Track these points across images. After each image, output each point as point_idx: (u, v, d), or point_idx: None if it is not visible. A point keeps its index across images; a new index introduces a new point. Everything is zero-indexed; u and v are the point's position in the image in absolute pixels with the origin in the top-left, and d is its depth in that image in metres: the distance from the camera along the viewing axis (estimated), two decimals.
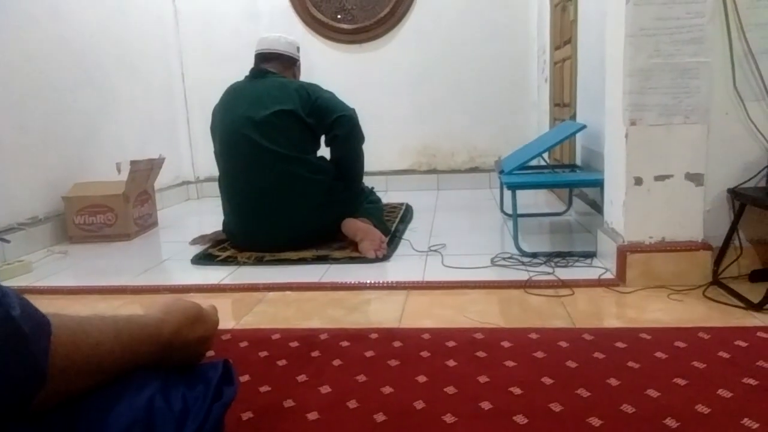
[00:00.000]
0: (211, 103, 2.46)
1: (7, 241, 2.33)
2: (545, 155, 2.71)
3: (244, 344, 1.39)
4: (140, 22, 3.46)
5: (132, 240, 2.70)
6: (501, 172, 2.36)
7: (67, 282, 2.07)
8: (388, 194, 3.22)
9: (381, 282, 1.84)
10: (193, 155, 4.02)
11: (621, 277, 1.71)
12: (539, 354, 1.24)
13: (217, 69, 3.78)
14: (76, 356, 0.60)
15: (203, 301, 0.96)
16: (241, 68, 2.53)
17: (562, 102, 3.03)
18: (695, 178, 1.65)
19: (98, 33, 3.05)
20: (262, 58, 2.41)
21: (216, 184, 2.47)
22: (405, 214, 2.94)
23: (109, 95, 3.14)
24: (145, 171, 2.82)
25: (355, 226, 2.26)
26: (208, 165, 3.83)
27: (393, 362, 1.23)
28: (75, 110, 2.86)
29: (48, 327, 0.55)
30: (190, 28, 3.88)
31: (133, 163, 2.70)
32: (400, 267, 2.06)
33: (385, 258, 2.14)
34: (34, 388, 0.52)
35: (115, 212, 2.66)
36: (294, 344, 1.36)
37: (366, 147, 2.42)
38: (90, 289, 1.94)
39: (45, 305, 0.60)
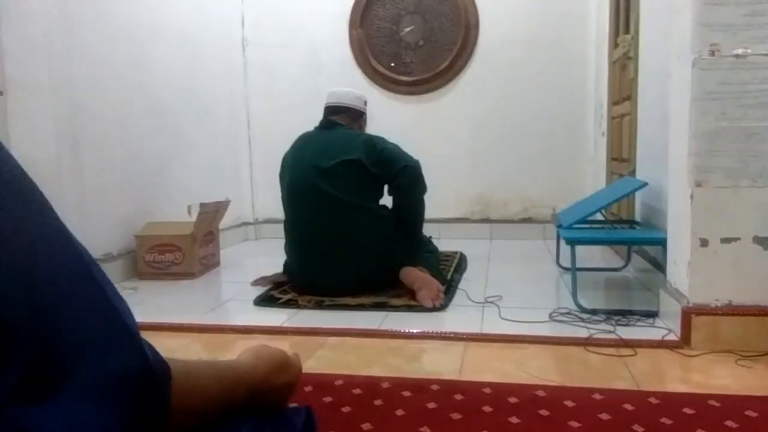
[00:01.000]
0: (273, 148, 2.58)
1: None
2: (602, 210, 2.71)
3: (308, 389, 1.43)
4: (210, 70, 3.69)
5: (197, 279, 2.82)
6: (560, 226, 2.37)
7: (138, 318, 2.17)
8: (442, 242, 3.26)
9: (439, 332, 1.86)
10: (253, 198, 4.18)
11: (686, 340, 1.68)
12: (604, 416, 1.23)
13: (280, 116, 3.97)
14: (187, 399, 0.65)
15: (266, 343, 1.01)
16: (301, 118, 2.66)
17: (620, 157, 3.03)
18: (763, 242, 1.62)
19: (172, 82, 3.26)
20: (331, 110, 2.53)
21: (274, 227, 2.58)
22: (460, 263, 2.97)
23: (180, 140, 3.34)
24: (212, 213, 2.96)
25: (413, 275, 2.31)
26: (267, 207, 3.98)
27: (455, 415, 1.25)
28: (149, 155, 3.05)
29: (169, 372, 0.61)
30: (257, 76, 4.10)
31: (202, 205, 2.84)
32: (457, 318, 2.08)
33: (443, 308, 2.16)
34: (162, 429, 0.58)
35: (182, 251, 2.80)
36: (357, 391, 1.40)
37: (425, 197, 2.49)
38: (160, 326, 2.03)
39: None
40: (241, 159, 4.11)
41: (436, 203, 3.72)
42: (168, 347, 0.61)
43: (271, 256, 2.98)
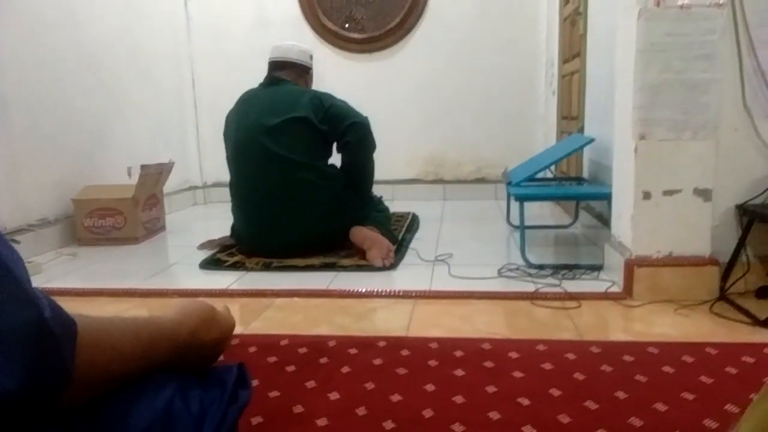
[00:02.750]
0: (221, 109, 2.48)
1: (17, 242, 2.35)
2: (552, 167, 2.72)
3: (253, 349, 1.40)
4: (153, 28, 3.50)
5: (140, 244, 2.72)
6: (509, 183, 2.38)
7: (76, 284, 2.08)
8: (395, 203, 3.24)
9: (388, 291, 1.85)
10: (201, 160, 4.05)
11: (628, 291, 1.72)
12: (547, 365, 1.24)
13: (227, 76, 3.82)
14: (99, 358, 0.61)
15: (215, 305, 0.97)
16: (250, 76, 2.55)
17: (570, 115, 3.05)
18: (703, 194, 1.66)
19: (111, 38, 3.08)
20: (276, 66, 2.43)
21: (224, 190, 2.49)
22: (412, 223, 2.96)
23: (121, 99, 3.17)
24: (154, 175, 2.84)
25: (363, 234, 2.28)
26: (216, 170, 3.86)
27: (401, 371, 1.24)
28: (86, 114, 2.89)
29: (74, 328, 0.56)
30: (202, 34, 3.92)
31: (143, 167, 2.72)
32: (407, 276, 2.07)
33: (393, 267, 2.15)
34: (61, 389, 0.53)
35: (124, 215, 2.68)
36: (302, 350, 1.37)
37: (374, 156, 2.44)
38: (99, 292, 1.95)
39: None
40: (186, 120, 3.95)
41: (388, 164, 3.70)
42: (107, 313, 0.56)
43: (219, 219, 2.89)
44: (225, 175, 2.45)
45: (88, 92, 2.90)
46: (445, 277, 2.02)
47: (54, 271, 2.27)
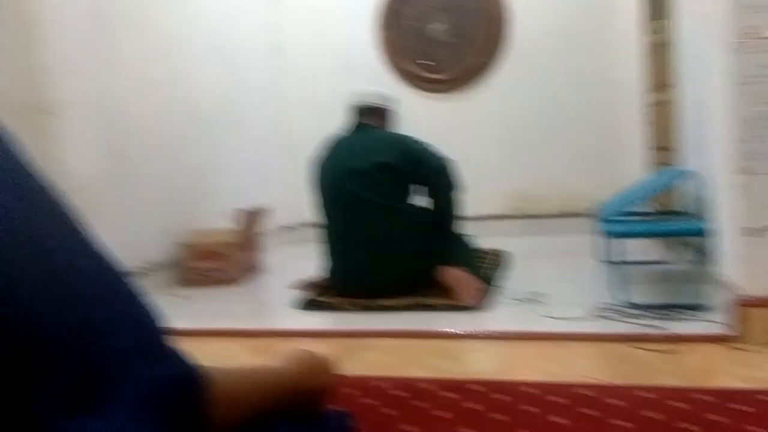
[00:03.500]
0: (310, 153, 2.61)
1: None
2: (647, 200, 2.63)
3: (349, 391, 1.44)
4: (246, 80, 3.75)
5: (240, 284, 2.87)
6: (601, 219, 2.32)
7: (184, 324, 2.23)
8: (481, 240, 3.23)
9: (479, 331, 1.85)
10: (292, 202, 4.23)
11: (739, 333, 1.62)
12: (652, 414, 1.20)
13: (316, 122, 3.98)
14: (224, 408, 0.66)
15: (308, 346, 1.02)
16: (336, 121, 2.68)
17: (663, 146, 2.94)
18: None
19: (209, 92, 3.34)
20: (360, 111, 2.54)
21: (314, 231, 2.60)
22: (499, 260, 2.93)
23: (220, 149, 3.41)
24: (252, 219, 3.02)
25: (451, 274, 2.29)
26: (306, 211, 4.01)
27: (498, 416, 1.24)
28: (191, 164, 3.13)
29: (205, 381, 0.62)
30: (292, 85, 4.14)
31: (242, 212, 2.89)
32: (498, 316, 2.06)
33: (482, 307, 2.14)
34: None
35: (225, 258, 2.85)
36: (398, 393, 1.40)
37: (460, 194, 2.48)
38: (207, 332, 2.08)
39: None
40: (279, 165, 4.16)
41: (473, 201, 3.68)
42: (215, 352, 0.62)
43: (310, 260, 3.00)
44: (317, 217, 2.56)
45: (192, 144, 3.15)
46: (537, 317, 1.98)
47: (165, 312, 2.43)
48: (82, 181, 2.31)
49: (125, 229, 2.63)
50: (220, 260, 2.86)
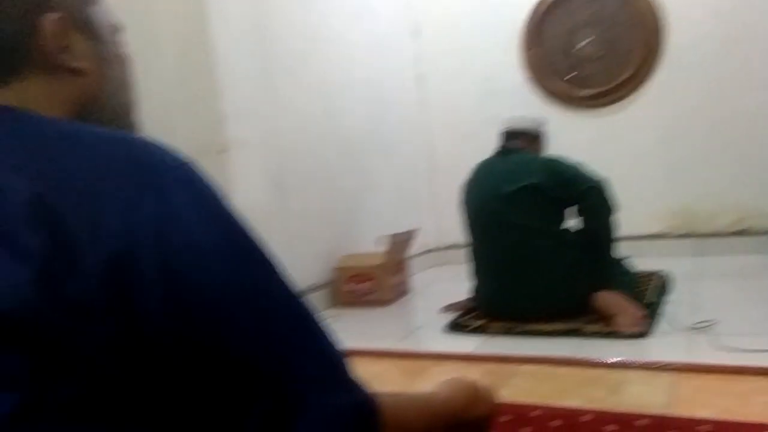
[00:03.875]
0: (455, 177, 2.66)
1: None
2: None
3: (504, 419, 1.43)
4: (393, 109, 3.92)
5: (390, 306, 2.98)
6: None
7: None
8: (639, 261, 3.03)
9: (642, 361, 1.74)
10: (438, 225, 4.30)
11: None
12: None
13: (460, 146, 4.05)
14: None
15: (458, 370, 1.05)
16: (479, 144, 2.70)
17: None
18: None
19: (359, 124, 3.53)
20: (508, 135, 2.54)
21: (459, 252, 2.63)
22: (661, 284, 2.73)
23: (370, 177, 3.59)
24: (401, 242, 3.13)
25: (608, 299, 2.19)
26: (452, 234, 4.06)
27: None
28: (343, 192, 3.33)
29: (379, 406, 0.66)
30: (436, 110, 4.24)
31: (392, 236, 3.02)
32: (662, 345, 1.92)
33: (644, 334, 2.01)
34: None
35: (376, 280, 2.98)
36: (556, 423, 1.37)
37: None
38: (359, 351, 2.19)
39: None
40: (426, 189, 4.27)
41: (629, 220, 3.47)
42: (366, 372, 0.67)
43: (457, 282, 3.03)
44: (460, 238, 2.59)
45: (344, 172, 3.35)
46: (709, 347, 1.82)
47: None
48: (250, 212, 2.57)
49: (286, 254, 2.86)
50: (371, 282, 3.00)
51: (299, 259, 2.93)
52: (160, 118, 0.78)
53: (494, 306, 2.39)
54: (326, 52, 3.27)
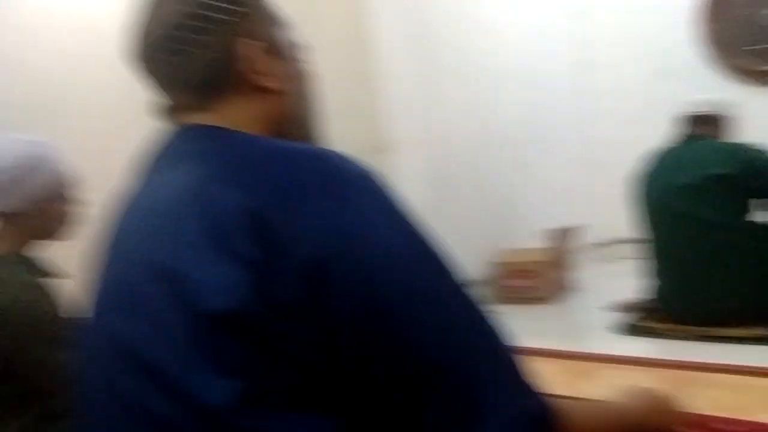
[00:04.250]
0: (623, 167, 2.48)
1: None
2: None
3: (684, 430, 1.33)
4: (553, 99, 3.76)
5: (552, 303, 2.88)
6: None
7: None
8: None
9: None
10: (605, 220, 4.06)
11: None
12: None
13: (628, 134, 3.77)
14: None
15: (634, 375, 0.98)
16: (651, 132, 2.49)
17: None
18: None
19: (516, 116, 3.44)
20: (691, 121, 2.32)
21: (629, 248, 2.46)
22: None
23: (527, 170, 3.50)
24: (564, 237, 3.02)
25: None
26: (620, 228, 3.80)
27: None
28: (499, 186, 3.29)
29: (556, 411, 0.65)
30: (601, 98, 4.00)
31: (555, 230, 2.92)
32: None
33: None
34: None
35: (538, 276, 2.91)
36: None
37: None
38: (523, 351, 2.15)
39: None
40: (587, 181, 4.05)
41: None
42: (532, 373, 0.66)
43: (626, 278, 2.84)
44: (627, 232, 2.42)
45: (501, 166, 3.31)
46: None
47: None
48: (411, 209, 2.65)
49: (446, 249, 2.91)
50: (532, 279, 2.93)
51: (457, 253, 2.94)
52: (324, 120, 0.85)
53: (677, 308, 2.20)
54: (483, 42, 3.25)
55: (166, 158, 0.67)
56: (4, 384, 1.18)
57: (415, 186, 2.82)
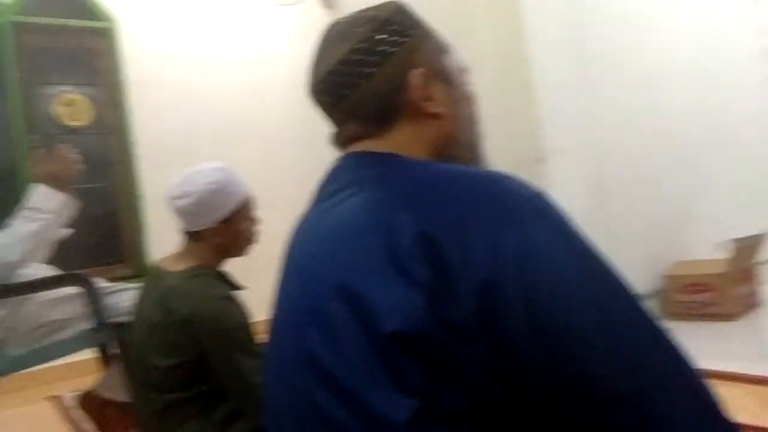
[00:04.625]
0: None
1: None
2: None
3: None
4: (734, 94, 3.39)
5: (736, 321, 2.59)
6: None
7: None
8: None
9: None
10: None
11: None
12: None
13: None
14: None
15: None
16: None
17: None
18: None
19: (689, 113, 3.15)
20: None
21: None
22: None
23: (703, 172, 3.18)
24: (748, 248, 2.70)
25: None
26: None
27: None
28: (670, 192, 3.02)
29: None
30: None
31: (737, 240, 2.63)
32: None
33: None
34: None
35: (717, 291, 2.63)
36: None
37: None
38: (705, 374, 1.96)
39: None
40: None
41: None
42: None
43: None
44: None
45: (673, 169, 3.04)
46: None
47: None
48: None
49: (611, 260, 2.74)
50: (710, 293, 2.65)
51: (623, 265, 2.75)
52: (485, 137, 0.85)
53: None
54: (650, 39, 3.03)
55: (339, 184, 0.73)
56: (203, 383, 1.35)
57: (575, 195, 2.71)
